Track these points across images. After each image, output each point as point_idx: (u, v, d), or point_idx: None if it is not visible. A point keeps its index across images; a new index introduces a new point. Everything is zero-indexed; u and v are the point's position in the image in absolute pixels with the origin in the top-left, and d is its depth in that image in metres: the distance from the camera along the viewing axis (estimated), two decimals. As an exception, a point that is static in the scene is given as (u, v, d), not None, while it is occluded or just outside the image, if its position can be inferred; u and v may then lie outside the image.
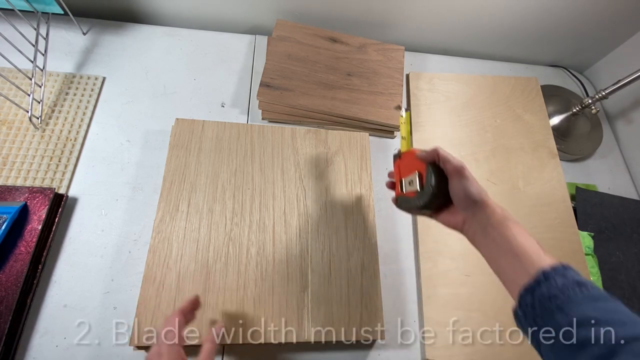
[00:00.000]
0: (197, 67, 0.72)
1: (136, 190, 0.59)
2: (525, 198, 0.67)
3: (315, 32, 0.73)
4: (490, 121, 0.74)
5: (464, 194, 0.39)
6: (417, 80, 0.78)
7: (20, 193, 0.52)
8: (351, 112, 0.66)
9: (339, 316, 0.51)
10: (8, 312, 0.46)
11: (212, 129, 0.61)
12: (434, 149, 0.41)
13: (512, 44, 0.86)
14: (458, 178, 0.39)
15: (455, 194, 0.40)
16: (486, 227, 0.37)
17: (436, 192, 0.41)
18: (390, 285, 0.58)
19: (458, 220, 0.41)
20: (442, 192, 0.41)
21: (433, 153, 0.41)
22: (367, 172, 0.63)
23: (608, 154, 0.81)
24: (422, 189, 0.42)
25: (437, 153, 0.41)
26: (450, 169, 0.40)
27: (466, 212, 0.40)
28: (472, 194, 0.38)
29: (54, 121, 0.61)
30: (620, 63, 0.85)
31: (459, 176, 0.39)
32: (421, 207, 0.42)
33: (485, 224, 0.37)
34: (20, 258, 0.49)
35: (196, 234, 0.53)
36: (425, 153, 0.42)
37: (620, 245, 0.67)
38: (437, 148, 0.41)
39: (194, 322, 0.47)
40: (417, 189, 0.43)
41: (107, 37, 0.72)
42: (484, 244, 0.38)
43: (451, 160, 0.39)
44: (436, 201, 0.41)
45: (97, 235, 0.55)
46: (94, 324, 0.49)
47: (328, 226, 0.57)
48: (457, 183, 0.39)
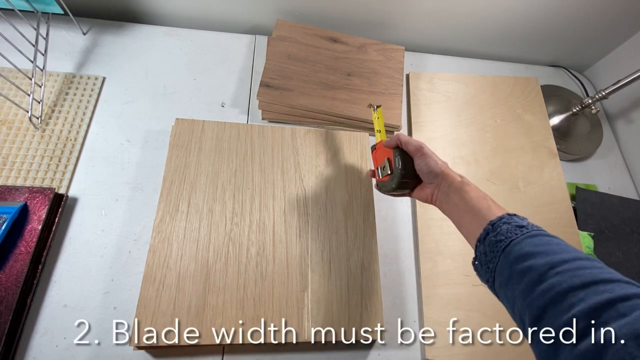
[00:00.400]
0: (197, 67, 0.72)
1: (136, 190, 0.59)
2: (525, 198, 0.67)
3: (315, 32, 0.73)
4: (490, 121, 0.74)
5: (427, 169, 0.45)
6: (417, 80, 0.78)
7: (20, 193, 0.52)
8: (351, 112, 0.66)
9: (339, 316, 0.51)
10: (8, 312, 0.46)
11: (212, 129, 0.61)
12: (395, 135, 0.49)
13: (512, 44, 0.86)
14: (420, 156, 0.45)
15: (420, 170, 0.46)
16: (448, 193, 0.42)
17: (404, 173, 0.47)
18: (390, 285, 0.58)
19: (428, 194, 0.46)
20: (409, 172, 0.47)
21: (395, 139, 0.48)
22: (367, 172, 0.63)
23: (608, 154, 0.81)
24: (392, 172, 0.48)
25: (399, 139, 0.48)
26: (412, 149, 0.46)
27: (432, 184, 0.45)
28: (433, 168, 0.44)
29: (54, 121, 0.61)
30: (620, 63, 0.85)
31: (420, 154, 0.45)
32: (395, 188, 0.48)
33: (447, 191, 0.43)
34: (20, 258, 0.49)
35: (196, 234, 0.53)
36: (389, 140, 0.49)
37: (620, 245, 0.67)
38: (398, 134, 0.49)
39: (195, 322, 0.47)
40: (389, 172, 0.49)
41: (107, 37, 0.72)
42: (448, 209, 0.43)
43: (411, 142, 0.46)
44: (406, 180, 0.47)
45: (97, 235, 0.55)
46: (94, 324, 0.49)
47: (328, 226, 0.57)
48: (419, 161, 0.45)
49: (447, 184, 0.43)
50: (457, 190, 0.41)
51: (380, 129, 0.56)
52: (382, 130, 0.56)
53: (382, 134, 0.56)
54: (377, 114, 0.57)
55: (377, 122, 0.57)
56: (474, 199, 0.39)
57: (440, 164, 0.44)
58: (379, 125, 0.56)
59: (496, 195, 0.66)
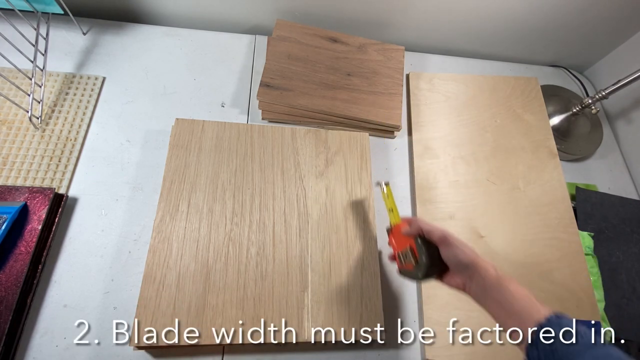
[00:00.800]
0: (197, 67, 0.72)
1: (136, 190, 0.59)
2: (525, 198, 0.67)
3: (315, 32, 0.73)
4: (490, 121, 0.74)
5: (455, 260, 0.41)
6: (417, 80, 0.78)
7: (20, 193, 0.52)
8: (351, 112, 0.66)
9: (339, 316, 0.51)
10: (8, 312, 0.46)
11: (212, 129, 0.61)
12: (415, 223, 0.45)
13: (512, 44, 0.86)
14: (445, 247, 0.42)
15: (447, 260, 0.42)
16: (484, 288, 0.40)
17: (429, 264, 0.43)
18: (390, 285, 0.58)
19: (459, 283, 0.42)
20: (435, 261, 0.43)
21: (416, 228, 0.44)
22: (367, 172, 0.63)
23: (608, 154, 0.81)
24: (417, 262, 0.44)
25: (420, 227, 0.44)
26: (436, 239, 0.42)
27: (463, 275, 0.42)
28: (461, 260, 0.41)
29: (54, 121, 0.61)
30: (620, 63, 0.85)
31: (445, 245, 0.42)
32: (421, 279, 0.44)
33: (483, 286, 0.40)
34: (20, 258, 0.49)
35: (196, 234, 0.53)
36: (409, 229, 0.45)
37: (620, 245, 0.67)
38: (419, 222, 0.44)
39: (195, 322, 0.47)
40: (413, 262, 0.45)
41: (107, 37, 0.72)
42: (487, 304, 0.40)
43: (434, 232, 0.42)
44: (432, 271, 0.44)
45: (97, 235, 0.55)
46: (94, 324, 0.49)
47: (328, 226, 0.57)
48: (446, 251, 0.42)
49: (481, 277, 0.40)
50: (495, 286, 0.39)
51: (392, 207, 0.52)
52: (395, 210, 0.52)
53: (394, 214, 0.52)
54: (387, 192, 0.53)
55: (387, 201, 0.53)
56: (516, 298, 0.37)
57: (468, 253, 0.41)
58: (391, 203, 0.53)
59: (496, 195, 0.66)
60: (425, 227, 0.43)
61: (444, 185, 0.66)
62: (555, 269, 0.61)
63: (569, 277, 0.61)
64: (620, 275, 0.65)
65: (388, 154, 0.70)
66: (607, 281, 0.64)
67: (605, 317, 0.60)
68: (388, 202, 0.53)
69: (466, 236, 0.62)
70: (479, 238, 0.62)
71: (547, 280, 0.60)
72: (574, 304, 0.59)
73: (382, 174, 0.67)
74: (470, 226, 0.63)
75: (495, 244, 0.62)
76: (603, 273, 0.64)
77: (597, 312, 0.59)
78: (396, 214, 0.52)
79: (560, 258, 0.62)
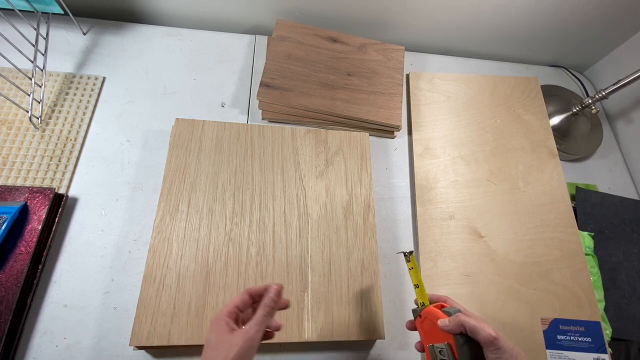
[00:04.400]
0: (197, 67, 0.72)
1: (136, 190, 0.59)
2: (525, 198, 0.67)
3: (315, 32, 0.73)
4: (490, 121, 0.74)
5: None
6: (417, 80, 0.78)
7: (20, 193, 0.52)
8: (351, 112, 0.66)
9: (339, 316, 0.51)
10: (8, 312, 0.46)
11: (212, 129, 0.61)
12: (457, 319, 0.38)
13: (512, 44, 0.86)
14: (494, 350, 0.36)
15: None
16: None
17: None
18: (390, 285, 0.58)
19: None
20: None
21: (457, 324, 0.38)
22: (367, 172, 0.63)
23: (608, 154, 0.81)
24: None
25: (462, 323, 0.37)
26: (483, 340, 0.36)
27: None
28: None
29: (54, 121, 0.61)
30: (620, 63, 0.85)
31: (494, 348, 0.36)
32: None
33: None
34: (20, 258, 0.49)
35: (196, 234, 0.53)
36: (448, 324, 0.39)
37: (620, 245, 0.67)
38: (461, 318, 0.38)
39: (195, 322, 0.47)
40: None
41: (107, 37, 0.72)
42: None
43: (481, 332, 0.36)
44: None
45: (97, 235, 0.55)
46: (94, 324, 0.49)
47: (328, 226, 0.57)
48: (493, 356, 0.36)
49: None
50: None
51: (419, 283, 0.45)
52: (422, 286, 0.44)
53: (421, 291, 0.44)
54: (411, 264, 0.46)
55: (413, 274, 0.45)
56: None
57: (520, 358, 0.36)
58: (416, 278, 0.45)
59: (496, 196, 0.66)
60: (469, 325, 0.37)
61: (444, 185, 0.66)
62: (555, 269, 0.61)
63: (569, 277, 0.61)
64: (620, 275, 0.65)
65: (388, 154, 0.70)
66: (607, 281, 0.64)
67: (605, 317, 0.60)
68: (413, 276, 0.45)
69: (466, 236, 0.62)
70: (479, 238, 0.62)
71: (547, 280, 0.60)
72: (574, 304, 0.59)
73: (382, 174, 0.67)
74: (470, 226, 0.63)
75: (495, 244, 0.62)
76: (603, 273, 0.64)
77: (597, 312, 0.59)
78: (422, 291, 0.44)
79: (560, 258, 0.62)
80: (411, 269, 0.46)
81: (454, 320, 0.38)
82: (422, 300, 0.44)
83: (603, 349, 0.57)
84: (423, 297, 0.44)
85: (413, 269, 0.45)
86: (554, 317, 0.58)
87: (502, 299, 0.58)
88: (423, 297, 0.44)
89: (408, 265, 0.46)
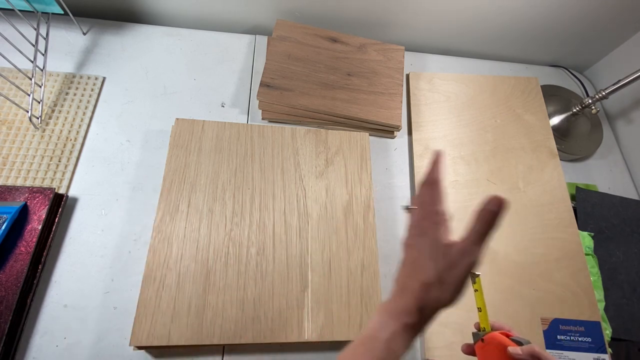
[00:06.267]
0: (197, 67, 0.72)
1: (136, 190, 0.59)
2: (525, 198, 0.67)
3: (315, 32, 0.73)
4: (490, 121, 0.74)
5: None
6: (417, 80, 0.78)
7: (20, 193, 0.52)
8: (351, 112, 0.66)
9: (339, 316, 0.51)
10: (8, 312, 0.46)
11: (212, 129, 0.61)
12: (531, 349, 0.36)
13: (513, 44, 0.86)
14: None
15: None
16: None
17: None
18: (391, 285, 0.58)
19: None
20: None
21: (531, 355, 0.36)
22: (367, 172, 0.63)
23: (608, 154, 0.81)
24: None
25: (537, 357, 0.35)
26: None
27: None
28: None
29: (54, 121, 0.61)
30: (620, 63, 0.85)
31: None
32: None
33: None
34: (20, 258, 0.49)
35: (196, 234, 0.53)
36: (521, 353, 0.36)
37: (620, 245, 0.67)
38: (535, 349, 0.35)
39: (195, 322, 0.47)
40: None
41: (107, 37, 0.72)
42: None
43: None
44: None
45: (97, 235, 0.55)
46: (94, 324, 0.49)
47: (328, 226, 0.57)
48: None
49: None
50: None
51: (482, 307, 0.42)
52: (484, 310, 0.42)
53: (484, 315, 0.42)
54: (477, 285, 0.42)
55: (477, 297, 0.42)
56: None
57: None
58: (480, 301, 0.42)
59: (496, 195, 0.66)
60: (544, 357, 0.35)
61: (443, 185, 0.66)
62: (555, 269, 0.61)
63: (569, 277, 0.61)
64: (620, 275, 0.65)
65: (388, 154, 0.70)
66: (607, 281, 0.64)
67: (605, 317, 0.60)
68: (478, 299, 0.42)
69: (466, 236, 0.62)
70: (479, 238, 0.62)
71: (547, 280, 0.60)
72: (574, 304, 0.59)
73: (382, 174, 0.67)
74: (470, 226, 0.63)
75: (495, 244, 0.62)
76: (603, 273, 0.64)
77: (597, 312, 0.59)
78: (485, 315, 0.42)
79: (560, 258, 0.62)
80: (476, 291, 0.42)
81: (527, 350, 0.36)
82: (484, 325, 0.42)
83: (603, 349, 0.57)
84: (485, 322, 0.42)
85: (478, 292, 0.42)
86: (554, 317, 0.58)
87: (502, 299, 0.58)
88: (485, 322, 0.42)
89: (473, 287, 0.43)
